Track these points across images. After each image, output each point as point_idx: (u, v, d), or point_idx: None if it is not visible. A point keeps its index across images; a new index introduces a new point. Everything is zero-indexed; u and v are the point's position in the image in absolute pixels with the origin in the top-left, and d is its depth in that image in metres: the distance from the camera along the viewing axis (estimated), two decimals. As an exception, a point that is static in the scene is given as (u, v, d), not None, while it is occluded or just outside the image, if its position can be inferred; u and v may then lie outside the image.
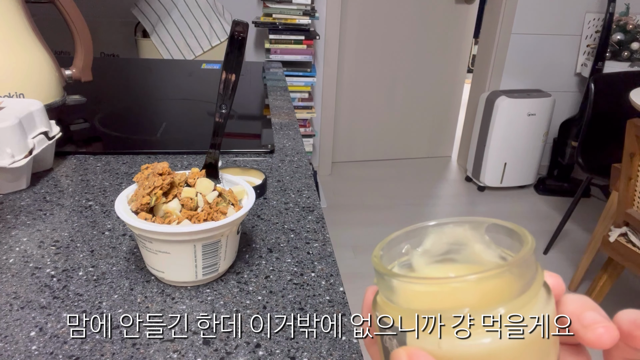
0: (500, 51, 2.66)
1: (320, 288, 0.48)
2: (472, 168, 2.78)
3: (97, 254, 0.51)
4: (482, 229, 0.22)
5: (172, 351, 0.39)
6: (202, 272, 0.46)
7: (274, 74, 1.30)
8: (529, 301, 0.18)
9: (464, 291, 0.18)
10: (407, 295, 0.19)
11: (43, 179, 0.67)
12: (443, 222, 0.23)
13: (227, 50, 0.49)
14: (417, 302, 0.19)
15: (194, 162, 0.74)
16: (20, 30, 0.76)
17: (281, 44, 2.29)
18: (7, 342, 0.39)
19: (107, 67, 1.35)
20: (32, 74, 0.76)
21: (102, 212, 0.59)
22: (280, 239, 0.55)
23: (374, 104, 2.92)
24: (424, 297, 0.19)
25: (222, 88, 0.50)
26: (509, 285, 0.18)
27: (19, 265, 0.48)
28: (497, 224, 0.21)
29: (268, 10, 2.24)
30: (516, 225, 0.21)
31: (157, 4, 1.98)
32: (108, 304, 0.44)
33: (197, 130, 0.88)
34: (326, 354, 0.40)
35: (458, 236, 0.22)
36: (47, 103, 0.77)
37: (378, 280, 0.21)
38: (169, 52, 1.98)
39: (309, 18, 2.25)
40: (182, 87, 1.18)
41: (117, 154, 0.76)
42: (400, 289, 0.19)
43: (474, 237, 0.22)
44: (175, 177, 0.47)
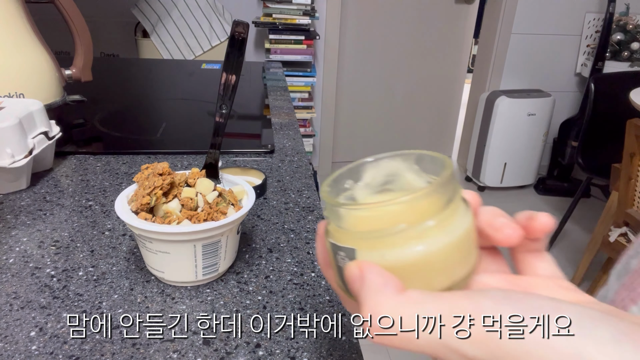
0: (500, 51, 2.66)
1: (320, 288, 0.48)
2: (472, 168, 2.78)
3: (97, 254, 0.51)
4: (411, 160, 0.25)
5: (172, 351, 0.39)
6: (202, 272, 0.46)
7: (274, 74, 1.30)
8: (452, 213, 0.22)
9: (400, 211, 0.21)
10: (353, 221, 0.23)
11: (43, 179, 0.67)
12: (379, 157, 0.26)
13: (228, 50, 0.49)
14: (362, 225, 0.22)
15: (194, 162, 0.74)
16: (20, 30, 0.76)
17: (281, 44, 2.29)
18: (7, 342, 0.39)
19: (107, 67, 1.35)
20: (32, 74, 0.76)
21: (102, 212, 0.59)
22: (280, 239, 0.55)
23: (374, 103, 2.92)
24: (368, 220, 0.22)
25: (222, 88, 0.50)
26: (435, 202, 0.21)
27: (19, 265, 0.48)
28: (422, 154, 0.25)
29: (268, 10, 2.24)
30: (438, 154, 0.25)
31: (157, 4, 1.98)
32: (108, 304, 0.44)
33: (197, 130, 0.88)
34: (326, 354, 0.40)
35: (392, 168, 0.26)
36: (47, 103, 0.77)
37: (328, 211, 0.24)
38: (169, 52, 1.98)
39: (309, 18, 2.25)
40: (182, 87, 1.18)
41: (117, 154, 0.76)
42: (347, 216, 0.23)
43: (405, 168, 0.25)
44: (175, 177, 0.47)
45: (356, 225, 0.22)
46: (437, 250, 0.21)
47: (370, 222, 0.22)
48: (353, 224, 0.23)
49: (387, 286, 0.19)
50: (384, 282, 0.20)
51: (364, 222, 0.22)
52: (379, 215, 0.22)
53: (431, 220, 0.21)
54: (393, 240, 0.21)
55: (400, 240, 0.21)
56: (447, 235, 0.21)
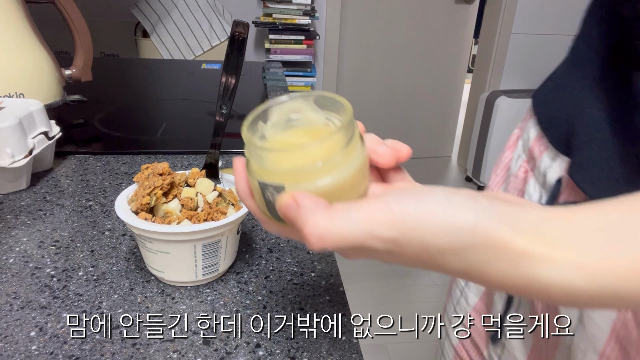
0: (500, 51, 2.66)
1: (320, 288, 0.48)
2: (472, 168, 2.78)
3: (97, 254, 0.51)
4: (311, 100, 0.30)
5: (172, 351, 0.39)
6: (202, 272, 0.46)
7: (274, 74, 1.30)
8: (353, 148, 0.27)
9: (316, 150, 0.26)
10: (275, 160, 0.27)
11: (43, 179, 0.67)
12: (281, 99, 0.30)
13: (228, 50, 0.49)
14: (283, 163, 0.26)
15: (194, 162, 0.74)
16: (20, 30, 0.76)
17: (281, 44, 2.29)
18: (7, 342, 0.39)
19: (107, 67, 1.35)
20: (32, 74, 0.76)
21: (102, 212, 0.59)
22: (280, 239, 0.55)
23: (373, 103, 2.92)
24: (290, 159, 0.26)
25: (222, 88, 0.50)
26: (341, 140, 0.26)
27: (19, 265, 0.48)
28: (321, 95, 0.29)
29: (268, 10, 2.24)
30: (337, 95, 0.29)
31: (157, 4, 1.98)
32: (108, 304, 0.44)
33: (197, 130, 0.88)
34: (326, 354, 0.40)
35: (294, 108, 0.30)
36: (47, 103, 0.77)
37: (250, 153, 0.27)
38: (169, 52, 1.98)
39: (309, 18, 2.25)
40: (182, 87, 1.18)
41: (117, 154, 0.76)
42: (270, 157, 0.27)
43: (306, 107, 0.30)
44: (175, 177, 0.47)
45: (279, 164, 0.27)
46: (346, 177, 0.26)
47: (291, 161, 0.26)
48: (276, 163, 0.27)
49: (319, 205, 0.24)
50: (316, 203, 0.24)
51: (286, 161, 0.26)
52: (299, 155, 0.26)
53: (339, 156, 0.26)
54: (313, 174, 0.26)
55: (319, 173, 0.26)
56: (352, 165, 0.27)
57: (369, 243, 0.23)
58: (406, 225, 0.23)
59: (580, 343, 0.39)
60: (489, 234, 0.23)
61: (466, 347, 0.58)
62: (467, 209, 0.23)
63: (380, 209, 0.23)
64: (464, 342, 0.58)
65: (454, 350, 0.60)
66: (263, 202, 0.28)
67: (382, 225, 0.23)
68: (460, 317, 0.58)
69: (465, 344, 0.58)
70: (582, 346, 0.38)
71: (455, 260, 0.23)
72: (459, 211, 0.23)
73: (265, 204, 0.28)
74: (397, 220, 0.23)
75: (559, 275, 0.22)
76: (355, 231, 0.23)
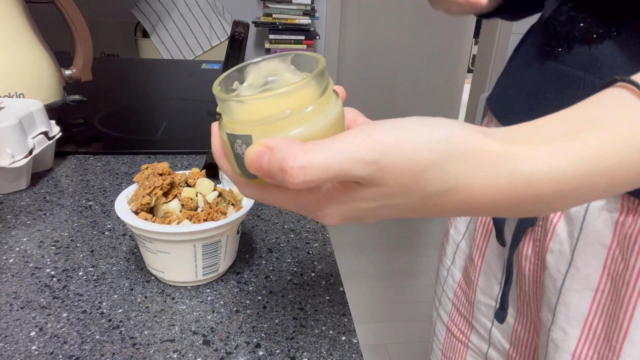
0: (500, 51, 2.66)
1: (320, 288, 0.48)
2: (472, 168, 2.78)
3: (97, 254, 0.51)
4: (288, 61, 0.29)
5: (172, 351, 0.39)
6: (202, 272, 0.46)
7: (274, 74, 1.30)
8: (326, 101, 0.26)
9: (285, 100, 0.25)
10: (244, 112, 0.26)
11: (43, 179, 0.67)
12: (258, 60, 0.29)
13: (228, 50, 0.49)
14: (253, 115, 0.25)
15: (194, 162, 0.74)
16: (20, 30, 0.76)
17: (281, 44, 2.29)
18: (7, 342, 0.39)
19: (107, 67, 1.35)
20: (32, 74, 0.76)
21: (102, 212, 0.59)
22: (280, 239, 0.55)
23: (373, 103, 2.92)
24: (258, 110, 0.25)
25: (222, 88, 0.50)
26: (312, 92, 0.26)
27: (19, 265, 0.48)
28: (298, 54, 0.29)
29: (268, 10, 2.24)
30: (312, 53, 0.29)
31: (157, 4, 1.98)
32: (108, 304, 0.44)
33: (197, 130, 0.88)
34: (326, 354, 0.40)
35: (271, 69, 0.29)
36: (47, 103, 0.77)
37: (221, 107, 0.27)
38: (169, 52, 1.98)
39: (309, 18, 2.25)
40: (182, 87, 1.18)
41: (117, 154, 0.76)
42: (239, 109, 0.26)
43: (283, 68, 0.29)
44: (175, 177, 0.47)
45: (248, 115, 0.26)
46: (320, 128, 0.25)
47: (260, 112, 0.25)
48: (245, 114, 0.26)
49: (293, 142, 0.23)
50: (289, 141, 0.23)
51: (254, 112, 0.25)
52: (267, 105, 0.25)
53: (310, 107, 0.25)
54: (282, 124, 0.25)
55: (288, 123, 0.25)
56: (324, 118, 0.26)
57: (352, 169, 0.23)
58: (386, 146, 0.23)
59: (574, 284, 0.42)
60: (465, 142, 0.23)
61: (455, 321, 0.60)
62: (440, 124, 0.24)
63: (359, 135, 0.23)
64: (453, 317, 0.60)
65: (445, 327, 0.62)
66: (233, 159, 0.27)
67: (363, 148, 0.23)
68: (449, 297, 0.61)
69: (454, 319, 0.60)
70: (576, 286, 0.42)
71: (439, 178, 0.23)
72: (433, 127, 0.23)
73: (235, 160, 0.27)
74: (377, 142, 0.23)
75: (542, 163, 0.23)
76: (337, 157, 0.22)
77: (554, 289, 0.44)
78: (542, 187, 0.24)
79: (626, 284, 0.39)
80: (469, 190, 0.24)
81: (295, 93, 0.25)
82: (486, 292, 0.54)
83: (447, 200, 0.24)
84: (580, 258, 0.42)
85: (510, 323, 0.52)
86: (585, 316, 0.42)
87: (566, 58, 0.42)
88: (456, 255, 0.60)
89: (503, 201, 0.24)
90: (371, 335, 1.74)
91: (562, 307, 0.43)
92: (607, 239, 0.40)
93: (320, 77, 0.26)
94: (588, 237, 0.41)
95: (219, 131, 0.28)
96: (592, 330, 0.42)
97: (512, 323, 0.52)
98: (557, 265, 0.43)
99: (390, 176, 0.23)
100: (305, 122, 0.25)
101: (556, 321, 0.44)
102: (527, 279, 0.48)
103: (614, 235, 0.39)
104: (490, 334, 0.55)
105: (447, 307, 0.61)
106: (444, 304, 0.62)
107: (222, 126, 0.27)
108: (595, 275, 0.41)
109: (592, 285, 0.41)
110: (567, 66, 0.42)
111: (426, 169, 0.23)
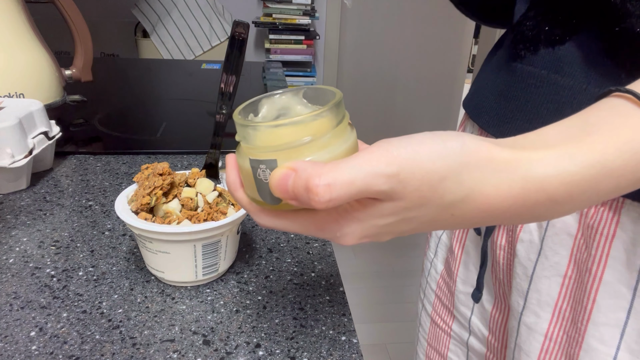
0: (500, 51, 2.66)
1: (320, 288, 0.48)
2: (472, 168, 2.78)
3: (97, 254, 0.51)
4: (300, 94, 0.31)
5: (172, 351, 0.39)
6: (202, 272, 0.46)
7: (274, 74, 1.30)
8: (343, 129, 0.28)
9: (307, 126, 0.26)
10: (268, 138, 0.27)
11: (43, 179, 0.67)
12: (272, 94, 0.31)
13: (228, 51, 0.49)
14: (276, 140, 0.26)
15: (194, 162, 0.74)
16: (20, 30, 0.76)
17: (281, 44, 2.29)
18: (7, 342, 0.39)
19: (107, 67, 1.35)
20: (32, 74, 0.76)
21: (102, 212, 0.59)
22: (280, 239, 0.55)
23: (373, 103, 2.92)
24: (281, 136, 0.26)
25: (222, 88, 0.50)
26: (330, 121, 0.27)
27: (19, 265, 0.48)
28: (311, 88, 0.30)
29: (268, 10, 2.24)
30: (326, 86, 0.30)
31: (157, 4, 1.98)
32: (108, 304, 0.44)
33: (197, 130, 0.88)
34: (326, 354, 0.40)
35: (284, 103, 0.31)
36: (47, 103, 0.77)
37: (242, 135, 0.28)
38: (169, 52, 1.98)
39: (309, 18, 2.25)
40: (182, 87, 1.18)
41: (117, 154, 0.76)
42: (262, 135, 0.27)
43: (295, 102, 0.31)
44: (175, 177, 0.47)
45: (270, 141, 0.27)
46: (337, 155, 0.27)
47: (282, 138, 0.26)
48: (267, 140, 0.27)
49: (317, 164, 0.24)
50: (313, 163, 0.25)
51: (277, 138, 0.27)
52: (290, 131, 0.26)
53: (329, 134, 0.27)
54: (304, 149, 0.26)
55: (309, 149, 0.26)
56: (343, 144, 0.27)
57: (374, 184, 0.24)
58: (404, 159, 0.24)
59: (544, 272, 0.45)
60: (476, 150, 0.25)
61: (439, 311, 0.62)
62: (452, 137, 0.25)
63: (377, 151, 0.24)
64: (437, 307, 0.63)
65: (429, 318, 0.64)
66: (254, 185, 0.28)
67: (383, 163, 0.24)
68: (432, 289, 0.64)
69: (438, 309, 0.63)
70: (546, 274, 0.44)
71: (455, 187, 0.25)
72: (445, 139, 0.25)
73: (257, 187, 0.28)
74: (395, 156, 0.24)
75: (552, 168, 0.25)
76: (360, 173, 0.23)
77: (524, 275, 0.46)
78: (554, 191, 0.25)
79: (589, 271, 0.41)
80: (484, 198, 0.25)
81: (316, 120, 0.26)
82: (466, 282, 0.57)
83: (463, 209, 0.25)
84: (549, 247, 0.44)
85: (488, 309, 0.54)
86: (555, 300, 0.45)
87: (532, 59, 0.45)
88: (438, 248, 0.63)
89: (517, 206, 0.25)
90: (371, 335, 1.74)
91: (534, 293, 0.46)
92: (573, 229, 0.43)
93: (337, 108, 0.27)
94: (555, 227, 0.43)
95: (238, 159, 0.29)
96: (561, 313, 0.45)
97: (490, 309, 0.54)
98: (527, 254, 0.46)
99: (410, 188, 0.24)
100: (325, 147, 0.26)
101: (528, 306, 0.46)
102: (501, 267, 0.50)
103: (579, 225, 0.42)
104: (470, 322, 0.57)
105: (430, 298, 0.64)
106: (427, 296, 0.65)
107: (243, 154, 0.28)
108: (564, 263, 0.44)
109: (560, 271, 0.44)
110: (532, 67, 0.45)
111: (443, 179, 0.24)
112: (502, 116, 0.48)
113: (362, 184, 0.23)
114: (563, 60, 0.42)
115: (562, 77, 0.42)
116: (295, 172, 0.24)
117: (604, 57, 0.39)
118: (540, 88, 0.44)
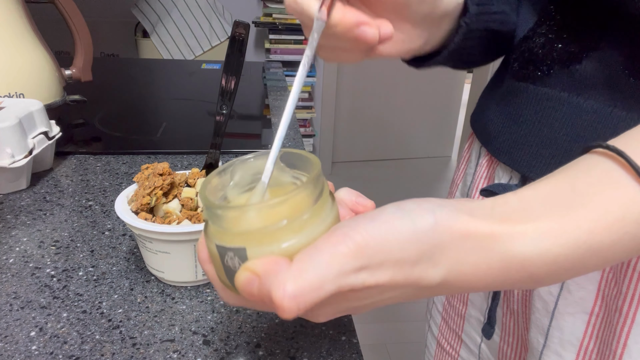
0: (500, 51, 2.66)
1: (320, 288, 0.48)
2: (472, 168, 2.78)
3: (97, 254, 0.51)
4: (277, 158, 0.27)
5: (172, 351, 0.39)
6: (202, 272, 0.46)
7: (274, 74, 1.30)
8: (322, 205, 0.24)
9: (281, 208, 0.23)
10: (236, 221, 0.24)
11: (43, 179, 0.67)
12: (245, 158, 0.28)
13: (228, 51, 0.49)
14: (245, 224, 0.23)
15: (194, 162, 0.74)
16: (20, 30, 0.76)
17: (281, 44, 2.29)
18: (7, 342, 0.39)
19: (107, 67, 1.35)
20: (32, 74, 0.76)
21: (102, 212, 0.59)
22: (280, 239, 0.55)
23: (374, 103, 2.92)
24: (252, 220, 0.23)
25: (222, 89, 0.50)
26: (309, 198, 0.24)
27: (19, 265, 0.48)
28: (288, 152, 0.27)
29: (268, 10, 2.24)
30: (304, 152, 0.27)
31: (157, 4, 1.98)
32: (108, 304, 0.44)
33: (197, 130, 0.88)
34: (326, 354, 0.40)
35: (259, 167, 0.27)
36: (47, 103, 0.77)
37: (208, 214, 0.25)
38: (169, 52, 1.98)
39: (309, 18, 2.25)
40: (182, 87, 1.18)
41: (117, 154, 0.76)
42: (230, 218, 0.24)
43: None
44: (175, 177, 0.47)
45: (239, 225, 0.23)
46: (313, 238, 0.23)
47: (254, 222, 0.23)
48: (237, 224, 0.23)
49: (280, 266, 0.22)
50: (276, 264, 0.22)
51: (248, 222, 0.23)
52: (262, 214, 0.23)
53: (307, 214, 0.23)
54: (278, 234, 0.23)
55: (284, 233, 0.23)
56: (320, 224, 0.24)
57: (344, 284, 0.22)
58: (371, 249, 0.22)
59: (568, 308, 0.41)
60: (450, 228, 0.23)
61: (445, 335, 0.60)
62: (422, 211, 0.23)
63: (342, 242, 0.22)
64: (443, 330, 0.60)
65: (435, 340, 0.62)
66: (222, 269, 0.25)
67: (350, 257, 0.22)
68: (439, 310, 0.61)
69: (444, 333, 0.60)
70: (570, 310, 0.41)
71: (430, 270, 0.23)
72: (415, 217, 0.23)
73: (225, 272, 0.25)
74: (362, 247, 0.22)
75: (534, 247, 0.23)
76: (328, 275, 0.21)
77: (545, 311, 0.43)
78: (536, 270, 0.24)
79: (619, 310, 0.38)
80: (464, 277, 0.24)
81: (291, 200, 0.23)
82: (476, 306, 0.54)
83: (442, 289, 0.24)
84: (573, 280, 0.41)
85: (496, 341, 0.51)
86: (580, 340, 0.41)
87: (545, 79, 0.41)
88: None
89: (499, 282, 0.24)
90: (371, 335, 1.74)
91: (556, 331, 0.42)
92: None
93: (316, 182, 0.24)
94: None
95: (206, 240, 0.26)
96: (587, 354, 0.41)
97: (498, 342, 0.51)
98: (548, 287, 0.43)
99: (383, 277, 0.23)
100: (301, 230, 0.23)
101: (549, 345, 0.43)
102: (515, 298, 0.47)
103: None
104: (480, 349, 0.54)
105: (437, 320, 0.61)
106: (434, 317, 0.62)
107: (210, 235, 0.25)
108: (590, 299, 0.40)
109: (586, 308, 0.41)
110: (548, 88, 0.41)
111: (415, 263, 0.23)
112: (513, 142, 0.44)
113: (332, 287, 0.22)
114: (583, 80, 0.39)
115: (585, 99, 0.39)
116: (259, 279, 0.22)
117: (628, 76, 0.36)
118: (558, 111, 0.40)
